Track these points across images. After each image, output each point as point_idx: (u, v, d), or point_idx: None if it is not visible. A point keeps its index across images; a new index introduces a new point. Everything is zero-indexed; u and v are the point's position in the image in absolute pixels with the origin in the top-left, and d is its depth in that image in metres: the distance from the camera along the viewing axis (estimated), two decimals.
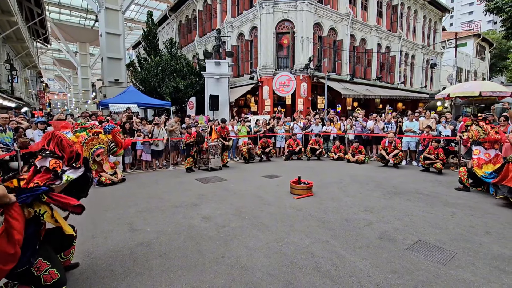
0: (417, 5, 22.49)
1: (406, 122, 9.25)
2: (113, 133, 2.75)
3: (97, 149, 2.58)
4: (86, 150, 2.51)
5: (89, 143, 2.55)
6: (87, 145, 2.53)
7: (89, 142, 2.56)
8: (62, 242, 2.56)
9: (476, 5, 52.68)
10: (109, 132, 2.74)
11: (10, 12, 12.09)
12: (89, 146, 2.54)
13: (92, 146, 2.56)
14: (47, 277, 2.18)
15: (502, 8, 14.50)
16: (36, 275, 2.13)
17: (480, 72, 31.66)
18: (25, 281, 2.17)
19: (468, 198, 5.07)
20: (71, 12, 29.16)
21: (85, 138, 2.54)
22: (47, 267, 2.21)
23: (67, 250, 2.61)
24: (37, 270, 2.15)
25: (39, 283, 2.16)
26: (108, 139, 2.70)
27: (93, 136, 2.59)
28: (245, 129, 10.42)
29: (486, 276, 2.57)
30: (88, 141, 2.55)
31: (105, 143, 2.68)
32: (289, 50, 15.83)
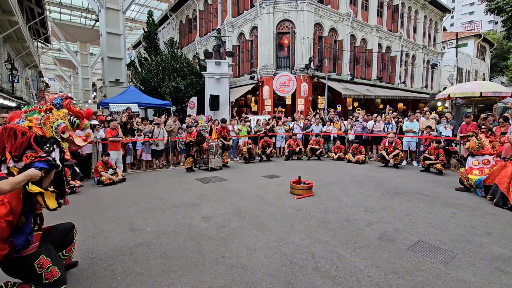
0: (417, 5, 22.47)
1: (406, 122, 9.24)
2: (65, 105, 2.47)
3: (59, 125, 2.32)
4: (47, 130, 2.27)
5: (46, 122, 2.29)
6: (45, 125, 2.27)
7: (46, 121, 2.29)
8: (64, 239, 2.57)
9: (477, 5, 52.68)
10: (60, 106, 2.46)
11: (10, 12, 12.09)
12: (48, 125, 2.28)
13: (52, 124, 2.30)
14: (49, 275, 2.19)
15: (503, 8, 14.49)
16: (39, 272, 2.15)
17: (480, 72, 31.63)
18: (27, 278, 2.17)
19: (468, 199, 5.06)
20: (72, 11, 29.14)
21: (40, 119, 2.28)
22: (49, 264, 2.22)
23: (69, 247, 2.62)
24: (39, 267, 2.16)
25: (41, 280, 2.16)
26: (64, 113, 2.45)
27: (47, 115, 2.32)
28: (245, 129, 10.42)
29: (487, 277, 2.56)
30: (44, 120, 2.28)
31: (63, 117, 2.41)
32: (289, 50, 15.82)
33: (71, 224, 2.67)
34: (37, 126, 2.24)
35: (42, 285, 2.18)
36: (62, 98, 2.49)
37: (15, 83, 15.62)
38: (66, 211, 4.08)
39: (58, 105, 2.44)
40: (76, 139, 2.44)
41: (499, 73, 35.61)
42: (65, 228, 2.60)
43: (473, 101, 10.52)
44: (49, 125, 2.28)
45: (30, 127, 2.21)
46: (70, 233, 2.62)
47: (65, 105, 2.46)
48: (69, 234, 2.61)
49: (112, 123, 7.47)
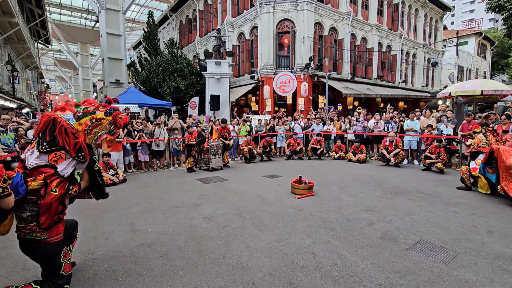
0: (418, 4, 22.42)
1: (407, 121, 9.22)
2: (113, 116, 2.50)
3: (100, 136, 2.36)
4: (90, 139, 2.31)
5: (93, 131, 2.31)
6: (90, 133, 2.30)
7: (93, 130, 2.31)
8: (73, 233, 2.65)
9: (478, 3, 52.57)
10: (111, 115, 2.48)
11: (11, 13, 12.12)
12: (93, 134, 2.31)
13: (96, 134, 2.32)
14: (66, 267, 2.25)
15: (503, 6, 14.44)
16: (62, 261, 2.22)
17: (481, 70, 31.56)
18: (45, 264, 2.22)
19: (470, 197, 5.05)
20: (72, 12, 29.19)
21: (89, 126, 2.29)
22: (70, 257, 2.33)
23: (74, 242, 2.69)
24: (64, 256, 2.24)
25: (58, 270, 2.21)
26: (108, 121, 2.46)
27: (96, 123, 2.33)
28: (245, 129, 10.41)
29: (489, 276, 2.55)
30: (91, 128, 2.30)
31: (107, 128, 2.44)
32: (289, 49, 15.81)
33: (75, 220, 2.75)
34: (83, 131, 2.26)
35: (56, 276, 2.21)
36: (115, 110, 2.51)
37: (15, 84, 15.65)
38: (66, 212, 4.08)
39: (109, 114, 2.45)
40: (103, 146, 2.47)
41: (500, 71, 35.52)
42: (73, 223, 2.69)
43: (474, 99, 10.47)
44: (94, 134, 2.31)
45: (78, 130, 2.23)
46: (76, 228, 2.71)
47: (113, 116, 2.47)
48: (75, 229, 2.70)
49: None
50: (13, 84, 15.24)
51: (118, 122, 2.51)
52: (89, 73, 44.60)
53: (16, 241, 2.18)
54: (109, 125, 2.44)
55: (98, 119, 2.34)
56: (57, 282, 2.20)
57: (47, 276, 2.22)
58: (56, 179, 2.10)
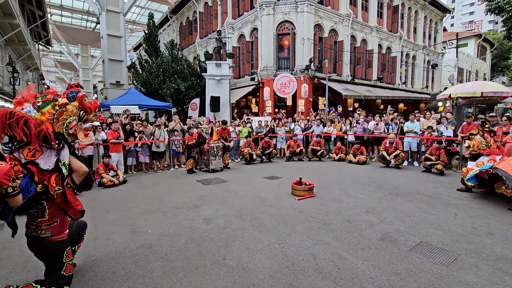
0: (417, 6, 22.48)
1: (407, 123, 9.23)
2: (79, 99, 2.36)
3: (70, 123, 2.24)
4: (58, 127, 2.18)
5: (60, 118, 2.19)
6: (58, 121, 2.18)
7: (59, 117, 2.19)
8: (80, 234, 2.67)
9: (477, 5, 52.71)
10: (74, 99, 2.34)
11: (12, 15, 12.16)
12: (60, 122, 2.19)
13: (64, 121, 2.21)
14: (68, 268, 2.27)
15: (503, 7, 14.48)
16: (64, 260, 2.24)
17: (481, 72, 31.60)
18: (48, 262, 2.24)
19: (470, 199, 5.04)
20: (73, 14, 29.25)
21: (53, 114, 2.17)
22: (72, 258, 2.34)
23: (79, 243, 2.71)
24: (66, 256, 2.27)
25: (60, 270, 2.22)
26: (75, 107, 2.33)
27: (61, 110, 2.21)
28: (246, 130, 10.42)
29: (489, 278, 2.55)
30: (57, 116, 2.18)
31: (75, 113, 2.32)
32: (289, 51, 15.83)
33: (85, 222, 2.77)
34: (49, 121, 2.15)
35: (57, 276, 2.23)
36: (77, 92, 2.37)
37: (16, 85, 15.66)
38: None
39: (72, 99, 2.33)
40: (79, 134, 2.38)
41: (499, 73, 35.58)
42: (82, 224, 2.71)
43: (474, 101, 10.49)
44: (61, 121, 2.20)
45: (42, 121, 2.12)
46: (84, 230, 2.74)
47: (79, 99, 2.35)
48: (83, 231, 2.73)
49: (113, 125, 7.49)
50: (14, 86, 15.26)
51: (85, 105, 2.39)
52: (89, 75, 44.66)
53: (16, 243, 2.20)
54: (76, 110, 2.33)
55: (61, 105, 2.22)
56: (57, 282, 2.21)
57: (48, 276, 2.24)
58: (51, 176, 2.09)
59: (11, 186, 1.84)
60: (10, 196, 1.86)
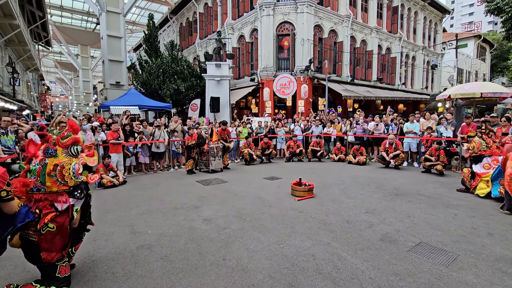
0: (417, 7, 22.51)
1: (407, 123, 9.23)
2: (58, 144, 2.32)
3: (74, 170, 2.24)
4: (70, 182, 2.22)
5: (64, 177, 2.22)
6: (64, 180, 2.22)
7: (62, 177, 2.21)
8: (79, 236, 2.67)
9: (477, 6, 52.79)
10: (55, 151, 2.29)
11: (12, 16, 12.16)
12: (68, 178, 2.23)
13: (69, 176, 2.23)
14: (62, 270, 2.27)
15: (502, 8, 14.49)
16: (57, 263, 2.24)
17: (481, 73, 31.63)
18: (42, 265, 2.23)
19: (470, 200, 5.05)
20: (73, 15, 29.31)
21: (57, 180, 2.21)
22: (66, 259, 2.33)
23: (77, 245, 2.70)
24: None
25: (54, 272, 2.23)
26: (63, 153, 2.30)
27: (59, 170, 2.21)
28: (246, 131, 10.42)
29: (489, 278, 2.55)
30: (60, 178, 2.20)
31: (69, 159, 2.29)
32: (289, 51, 15.85)
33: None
34: (60, 186, 2.22)
35: (53, 278, 2.23)
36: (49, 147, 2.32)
37: (16, 86, 15.67)
38: None
39: (54, 153, 2.30)
40: (88, 162, 2.42)
41: (499, 74, 35.61)
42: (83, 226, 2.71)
43: (474, 102, 10.49)
44: (68, 178, 2.23)
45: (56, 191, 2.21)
46: (83, 231, 2.74)
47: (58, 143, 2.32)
48: (82, 232, 2.72)
49: (113, 126, 7.49)
50: (14, 86, 15.27)
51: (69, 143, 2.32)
52: (89, 75, 44.71)
53: None
54: (67, 156, 2.30)
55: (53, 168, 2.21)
56: (55, 284, 2.21)
57: (44, 278, 2.24)
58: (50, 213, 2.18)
59: (5, 190, 1.83)
60: (3, 200, 1.85)
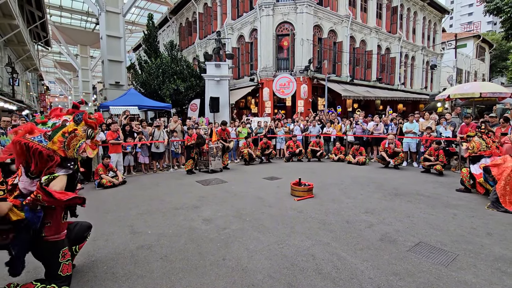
0: (416, 7, 22.54)
1: (406, 123, 9.25)
2: (84, 120, 2.45)
3: (80, 146, 2.35)
4: (70, 153, 2.29)
5: (70, 144, 2.30)
6: (69, 147, 2.29)
7: (70, 143, 2.30)
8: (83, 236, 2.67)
9: (476, 6, 52.87)
10: (81, 120, 2.43)
11: (11, 16, 12.15)
12: (71, 148, 2.30)
13: (75, 147, 2.32)
14: (65, 268, 2.27)
15: (502, 8, 14.50)
16: (60, 260, 2.24)
17: (480, 73, 31.67)
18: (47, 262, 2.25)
19: (469, 200, 5.06)
20: (72, 15, 29.28)
21: (64, 142, 2.27)
22: (69, 258, 2.33)
23: (81, 244, 2.69)
24: (63, 255, 2.26)
25: (57, 270, 2.23)
26: (82, 127, 2.42)
27: (71, 136, 2.31)
28: (246, 131, 10.43)
29: (488, 278, 2.56)
30: (68, 143, 2.28)
31: (84, 135, 2.42)
32: (289, 52, 15.86)
33: (90, 223, 2.78)
34: (61, 149, 2.25)
35: (55, 276, 2.23)
36: (83, 114, 2.46)
37: (15, 86, 15.66)
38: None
39: (79, 121, 2.41)
40: (87, 151, 2.47)
41: (498, 74, 35.68)
42: (86, 225, 2.72)
43: (473, 101, 10.52)
44: (72, 147, 2.30)
45: (55, 150, 2.21)
46: (88, 231, 2.74)
47: (84, 119, 2.44)
48: (87, 232, 2.73)
49: (113, 126, 7.48)
50: (13, 86, 15.25)
51: (91, 123, 2.47)
52: (89, 75, 44.66)
53: None
54: (84, 132, 2.41)
55: (71, 131, 2.31)
56: (55, 282, 2.21)
57: (47, 276, 2.24)
58: None
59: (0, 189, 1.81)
60: None
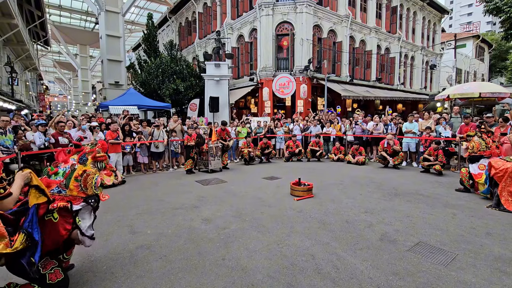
0: (416, 7, 22.55)
1: (405, 123, 9.26)
2: (93, 158, 2.60)
3: (96, 182, 2.47)
4: (90, 191, 2.44)
5: (86, 184, 2.43)
6: (86, 188, 2.43)
7: (85, 184, 2.43)
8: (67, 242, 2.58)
9: (475, 6, 52.90)
10: (87, 160, 2.57)
11: (10, 15, 12.13)
12: (89, 187, 2.44)
13: (91, 185, 2.45)
14: (52, 276, 2.22)
15: (501, 8, 14.51)
16: (42, 272, 2.18)
17: (479, 73, 31.69)
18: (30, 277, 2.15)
19: (469, 199, 5.06)
20: (72, 14, 29.24)
21: (80, 186, 2.41)
22: (54, 265, 2.27)
23: (70, 250, 2.64)
24: (43, 267, 2.20)
25: (44, 280, 2.18)
26: (91, 164, 2.56)
27: (84, 177, 2.44)
28: (245, 130, 10.42)
29: (488, 278, 2.56)
30: (83, 185, 2.42)
31: (95, 170, 2.55)
32: (288, 51, 15.85)
33: None
34: (80, 192, 2.40)
35: (46, 285, 2.20)
36: (85, 154, 2.59)
37: (14, 86, 15.64)
38: None
39: (86, 161, 2.56)
40: (105, 180, 2.59)
41: (498, 74, 35.72)
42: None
43: (472, 102, 10.53)
44: (89, 186, 2.44)
45: (75, 196, 2.37)
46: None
47: (92, 157, 2.59)
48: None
49: (112, 126, 7.47)
50: (12, 86, 15.23)
51: (99, 159, 2.63)
52: (88, 75, 44.60)
53: None
54: (94, 167, 2.57)
55: (81, 174, 2.44)
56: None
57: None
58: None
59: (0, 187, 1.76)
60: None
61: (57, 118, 7.07)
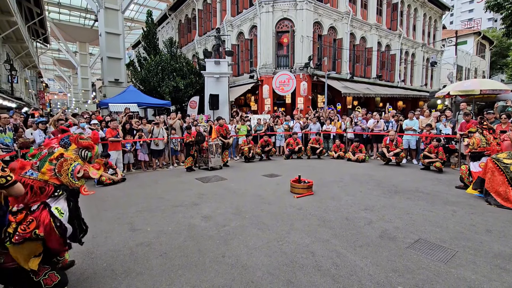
0: (417, 3, 22.43)
1: (406, 120, 9.23)
2: (74, 141, 2.35)
3: (74, 169, 2.23)
4: (64, 178, 2.20)
5: (61, 170, 2.20)
6: (61, 173, 2.20)
7: (60, 169, 2.20)
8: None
9: (476, 2, 52.56)
10: (69, 144, 2.33)
11: (9, 12, 12.07)
12: (64, 173, 2.21)
13: (67, 171, 2.21)
14: (47, 281, 2.18)
15: (502, 5, 14.43)
16: (36, 280, 2.12)
17: (480, 70, 31.60)
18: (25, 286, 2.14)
19: (469, 196, 5.06)
20: (71, 12, 29.11)
21: (53, 170, 2.18)
22: (47, 270, 2.21)
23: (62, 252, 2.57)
24: (37, 275, 2.13)
25: (40, 286, 2.15)
26: (74, 151, 2.31)
27: (60, 162, 2.21)
28: (245, 128, 10.41)
29: (487, 275, 2.56)
30: (58, 169, 2.19)
31: (76, 157, 2.30)
32: (289, 49, 15.79)
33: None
34: (53, 177, 2.18)
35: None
36: (69, 136, 2.37)
37: (14, 83, 15.60)
38: None
39: (67, 144, 2.32)
40: (90, 172, 2.36)
41: (498, 71, 35.58)
42: None
43: (473, 98, 10.48)
44: (64, 173, 2.22)
45: (46, 180, 2.15)
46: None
47: (73, 141, 2.35)
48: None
49: (112, 123, 7.46)
50: (12, 83, 15.19)
51: (84, 144, 2.36)
52: (88, 73, 44.51)
53: None
54: (76, 154, 2.32)
55: (57, 157, 2.22)
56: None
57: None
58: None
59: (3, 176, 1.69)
60: (5, 186, 1.71)
61: (57, 116, 7.06)
